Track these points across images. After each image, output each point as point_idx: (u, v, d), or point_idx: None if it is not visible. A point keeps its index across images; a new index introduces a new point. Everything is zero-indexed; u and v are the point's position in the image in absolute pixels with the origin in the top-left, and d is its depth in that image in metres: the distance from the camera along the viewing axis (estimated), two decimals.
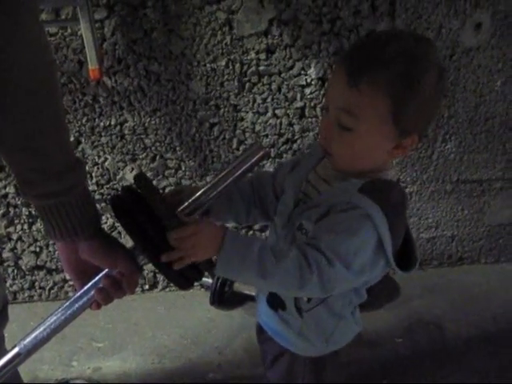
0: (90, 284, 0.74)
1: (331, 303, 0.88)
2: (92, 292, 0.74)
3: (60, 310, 0.75)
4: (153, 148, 1.59)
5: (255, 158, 0.75)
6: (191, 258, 0.69)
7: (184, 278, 0.73)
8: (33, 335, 0.74)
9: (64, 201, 0.67)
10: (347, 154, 0.77)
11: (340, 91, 0.73)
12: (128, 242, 0.75)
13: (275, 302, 0.93)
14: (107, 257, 0.73)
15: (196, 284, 1.81)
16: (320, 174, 0.85)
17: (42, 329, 0.74)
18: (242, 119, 1.57)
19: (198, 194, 0.76)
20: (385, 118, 0.72)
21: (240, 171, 0.76)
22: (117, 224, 1.66)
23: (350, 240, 0.72)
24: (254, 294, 1.71)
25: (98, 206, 1.63)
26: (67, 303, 0.75)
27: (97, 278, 0.74)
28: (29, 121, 0.62)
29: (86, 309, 0.75)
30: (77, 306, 0.74)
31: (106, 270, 0.74)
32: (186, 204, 0.77)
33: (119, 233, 1.65)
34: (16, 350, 0.73)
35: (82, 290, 0.75)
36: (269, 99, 1.54)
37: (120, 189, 0.79)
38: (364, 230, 0.72)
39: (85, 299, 0.74)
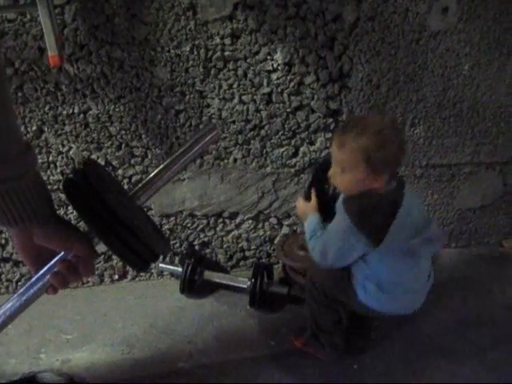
0: (45, 268, 0.74)
1: None
2: (47, 276, 0.73)
3: (15, 295, 0.74)
4: (118, 136, 1.56)
5: (207, 139, 0.77)
6: None
7: (140, 260, 0.72)
8: None
9: (15, 187, 0.66)
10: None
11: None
12: None
13: None
14: (62, 240, 0.72)
15: (166, 273, 1.80)
16: None
17: None
18: (208, 106, 1.55)
19: (151, 176, 0.76)
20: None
21: (192, 152, 0.77)
22: None
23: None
24: (224, 282, 1.72)
25: (62, 195, 1.61)
26: (22, 289, 0.74)
27: (52, 262, 0.74)
28: None
29: (43, 294, 0.75)
30: (32, 291, 0.74)
31: (62, 253, 0.73)
32: (140, 186, 0.76)
33: None
34: None
35: (38, 275, 0.74)
36: (235, 85, 1.52)
37: (72, 171, 0.79)
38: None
39: (40, 284, 0.74)
